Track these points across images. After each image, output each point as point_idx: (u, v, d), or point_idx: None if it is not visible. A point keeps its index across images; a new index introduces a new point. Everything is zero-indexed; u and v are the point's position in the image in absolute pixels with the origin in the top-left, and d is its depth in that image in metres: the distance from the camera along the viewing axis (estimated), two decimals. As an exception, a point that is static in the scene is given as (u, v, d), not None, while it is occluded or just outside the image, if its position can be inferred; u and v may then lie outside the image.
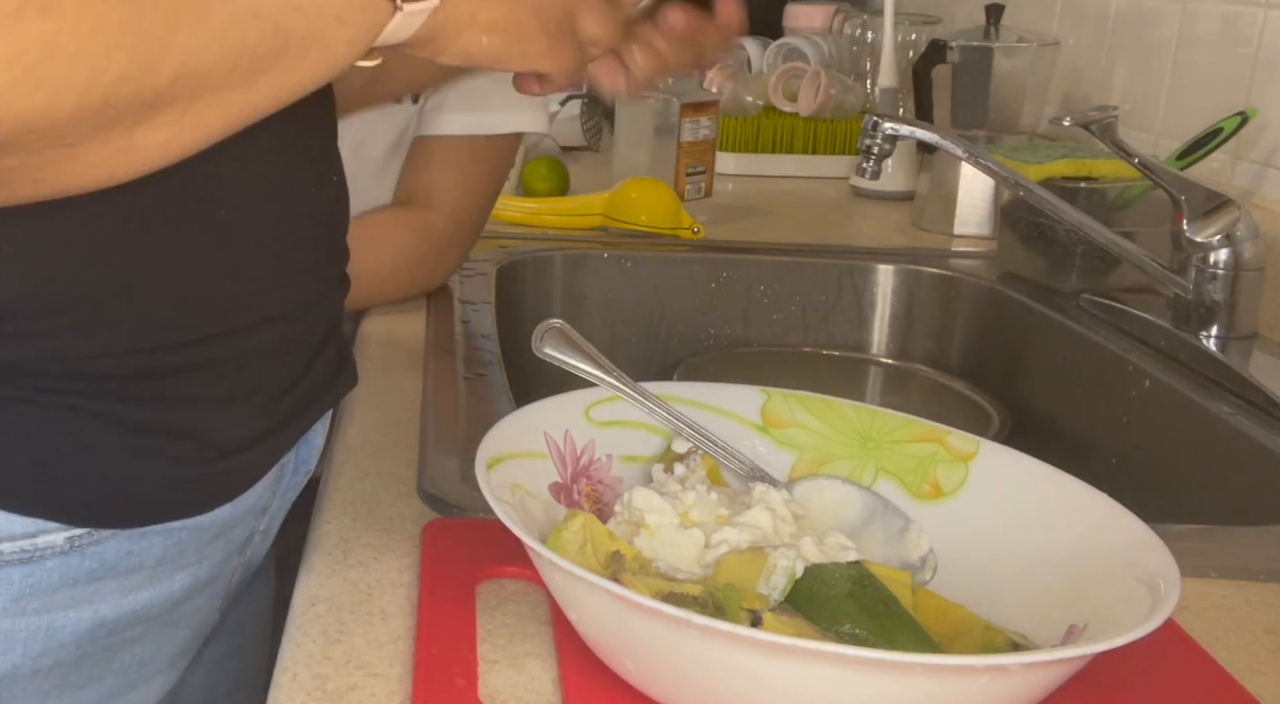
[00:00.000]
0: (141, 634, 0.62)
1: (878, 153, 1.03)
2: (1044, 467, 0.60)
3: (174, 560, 0.61)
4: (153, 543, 0.59)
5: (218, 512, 0.62)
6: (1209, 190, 0.97)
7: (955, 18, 1.68)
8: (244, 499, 0.63)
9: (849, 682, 0.44)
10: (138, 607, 0.60)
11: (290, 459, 0.68)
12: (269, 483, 0.66)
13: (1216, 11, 1.18)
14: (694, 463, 0.63)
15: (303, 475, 0.71)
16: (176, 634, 0.65)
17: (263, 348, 0.61)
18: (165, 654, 0.65)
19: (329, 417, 0.73)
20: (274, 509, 0.69)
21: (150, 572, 0.60)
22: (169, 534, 0.60)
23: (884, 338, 1.26)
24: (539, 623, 0.56)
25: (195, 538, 0.61)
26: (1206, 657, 0.56)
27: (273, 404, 0.62)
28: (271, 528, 0.70)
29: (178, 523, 0.60)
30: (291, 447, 0.67)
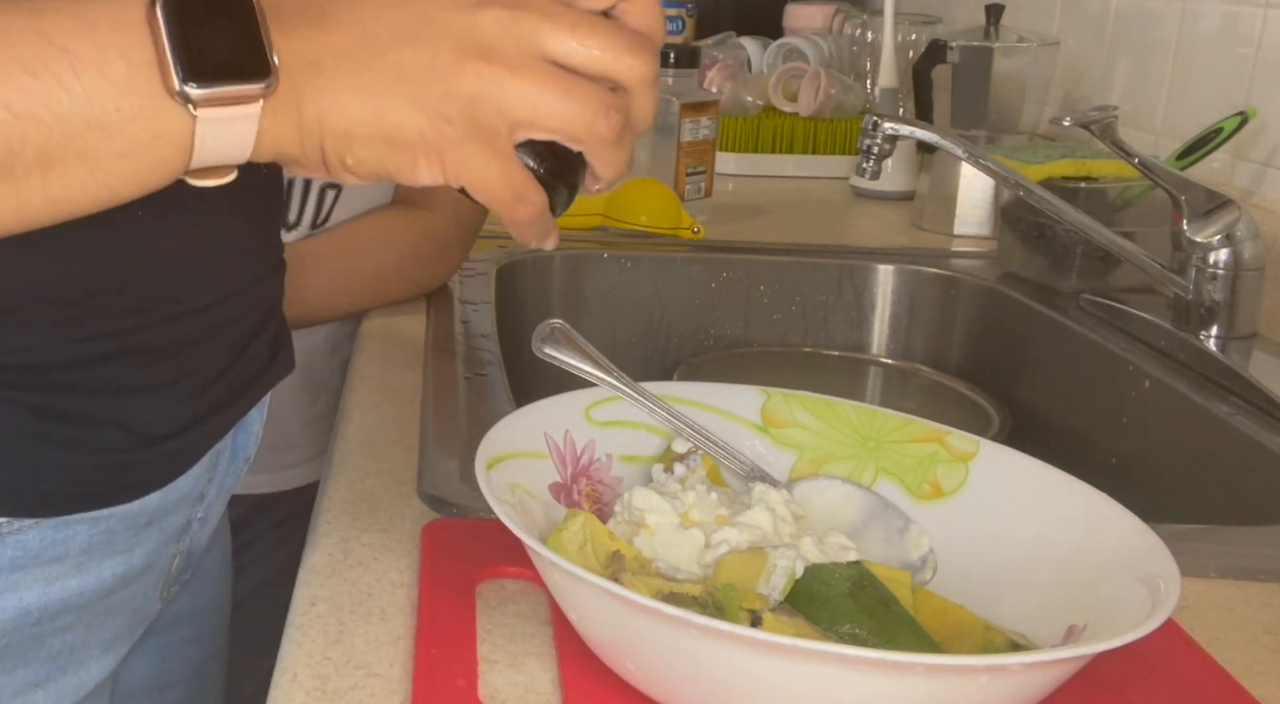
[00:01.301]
0: (71, 622, 0.61)
1: (878, 153, 1.03)
2: (1044, 467, 0.60)
3: (102, 548, 0.60)
4: (78, 531, 0.59)
5: (148, 499, 0.61)
6: (1209, 190, 0.97)
7: (955, 18, 1.68)
8: (177, 486, 0.63)
9: (849, 682, 0.44)
10: (66, 595, 0.60)
11: (226, 446, 0.68)
12: (203, 470, 0.66)
13: (1216, 11, 1.18)
14: (694, 463, 0.63)
15: (241, 462, 0.71)
16: (110, 621, 0.64)
17: (188, 336, 0.60)
18: (98, 640, 0.64)
19: (265, 402, 0.72)
20: (211, 497, 0.68)
21: (77, 560, 0.59)
22: (96, 522, 0.59)
23: (884, 338, 1.26)
24: (539, 623, 0.56)
25: (125, 526, 0.61)
26: (1206, 657, 0.56)
27: (201, 391, 0.61)
28: (211, 516, 0.70)
29: (105, 511, 0.59)
30: (225, 433, 0.67)
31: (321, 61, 0.47)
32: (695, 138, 1.38)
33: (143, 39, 0.45)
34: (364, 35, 0.47)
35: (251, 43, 0.45)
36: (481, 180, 0.49)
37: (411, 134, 0.47)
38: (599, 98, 0.49)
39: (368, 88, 0.47)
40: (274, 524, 1.22)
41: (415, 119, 0.47)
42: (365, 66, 0.47)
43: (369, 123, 0.47)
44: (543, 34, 0.48)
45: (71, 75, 0.44)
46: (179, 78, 0.44)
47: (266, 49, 0.45)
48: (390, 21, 0.47)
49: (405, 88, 0.47)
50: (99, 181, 0.45)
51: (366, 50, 0.47)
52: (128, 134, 0.45)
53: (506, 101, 0.48)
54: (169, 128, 0.45)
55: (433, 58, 0.47)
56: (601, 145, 0.50)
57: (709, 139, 1.39)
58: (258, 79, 0.45)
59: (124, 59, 0.44)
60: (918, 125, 1.05)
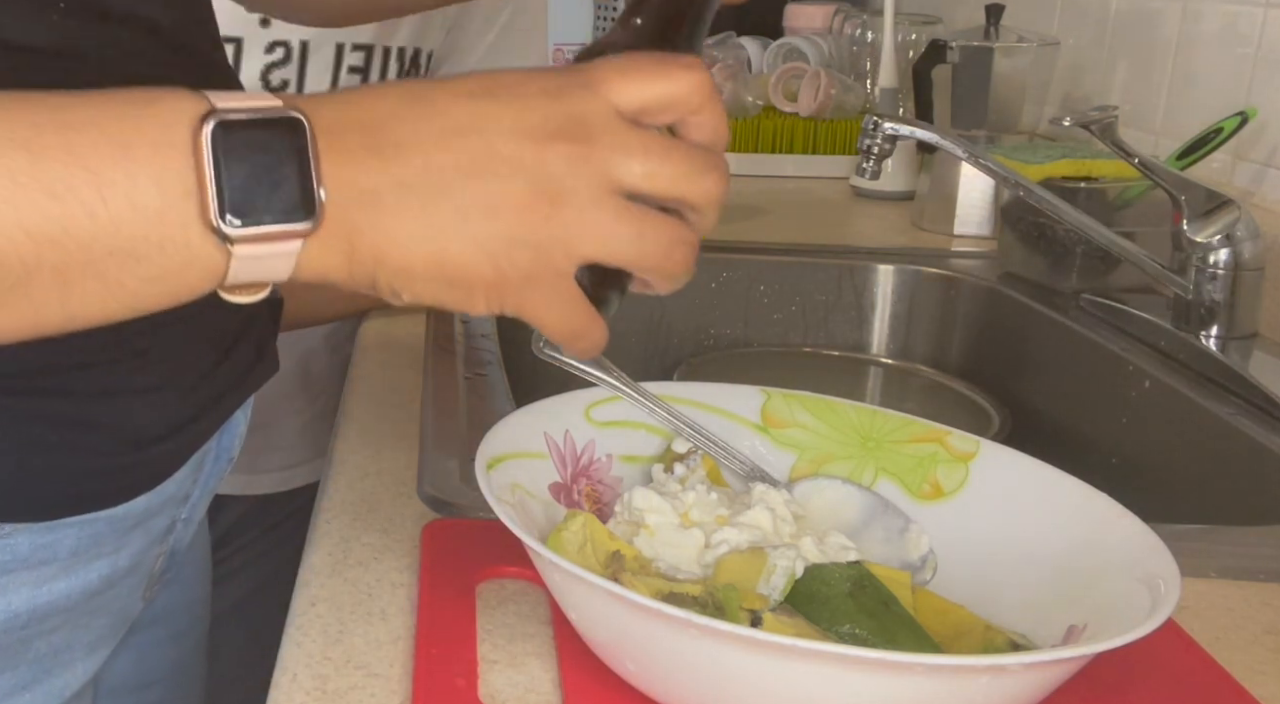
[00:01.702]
0: (58, 624, 0.61)
1: (878, 153, 1.03)
2: (1044, 467, 0.60)
3: (89, 551, 0.60)
4: (66, 534, 0.58)
5: (135, 502, 0.61)
6: (1209, 190, 0.97)
7: (955, 18, 1.68)
8: (163, 489, 0.63)
9: (849, 682, 0.44)
10: (53, 597, 0.59)
11: (211, 447, 0.68)
12: (189, 472, 0.65)
13: (1216, 11, 1.18)
14: (694, 463, 0.63)
15: (225, 463, 0.71)
16: (95, 622, 0.64)
17: (175, 338, 0.59)
18: (84, 642, 0.64)
19: (250, 404, 0.72)
20: (195, 497, 0.68)
21: (65, 563, 0.59)
22: (84, 526, 0.59)
23: (884, 338, 1.26)
24: (539, 623, 0.56)
25: (112, 528, 0.61)
26: (1206, 657, 0.56)
27: (188, 394, 0.61)
28: (194, 516, 0.70)
29: (92, 514, 0.59)
30: (211, 436, 0.66)
31: (381, 194, 0.45)
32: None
33: (183, 167, 0.42)
34: (427, 167, 0.45)
35: (302, 178, 0.43)
36: (541, 320, 0.48)
37: (473, 276, 0.46)
38: (670, 233, 0.48)
39: (431, 227, 0.45)
40: (274, 524, 1.22)
41: (480, 261, 0.46)
42: (429, 203, 0.45)
43: (431, 263, 0.46)
44: (614, 166, 0.47)
45: (98, 200, 0.41)
46: (217, 213, 0.42)
47: (315, 186, 0.43)
48: (455, 152, 0.45)
49: (470, 228, 0.45)
50: (121, 302, 0.44)
51: (430, 185, 0.45)
52: (155, 262, 0.43)
53: (576, 244, 0.47)
54: (200, 259, 0.43)
55: (500, 197, 0.45)
56: (669, 278, 0.50)
57: (709, 139, 1.38)
58: (303, 219, 0.43)
59: (157, 187, 0.42)
60: (918, 125, 1.05)
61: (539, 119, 0.46)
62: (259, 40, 1.01)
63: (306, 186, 0.43)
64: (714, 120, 0.50)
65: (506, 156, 0.46)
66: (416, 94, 0.46)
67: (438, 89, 0.47)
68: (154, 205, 0.42)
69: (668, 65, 0.49)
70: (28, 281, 0.41)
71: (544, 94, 0.47)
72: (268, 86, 1.02)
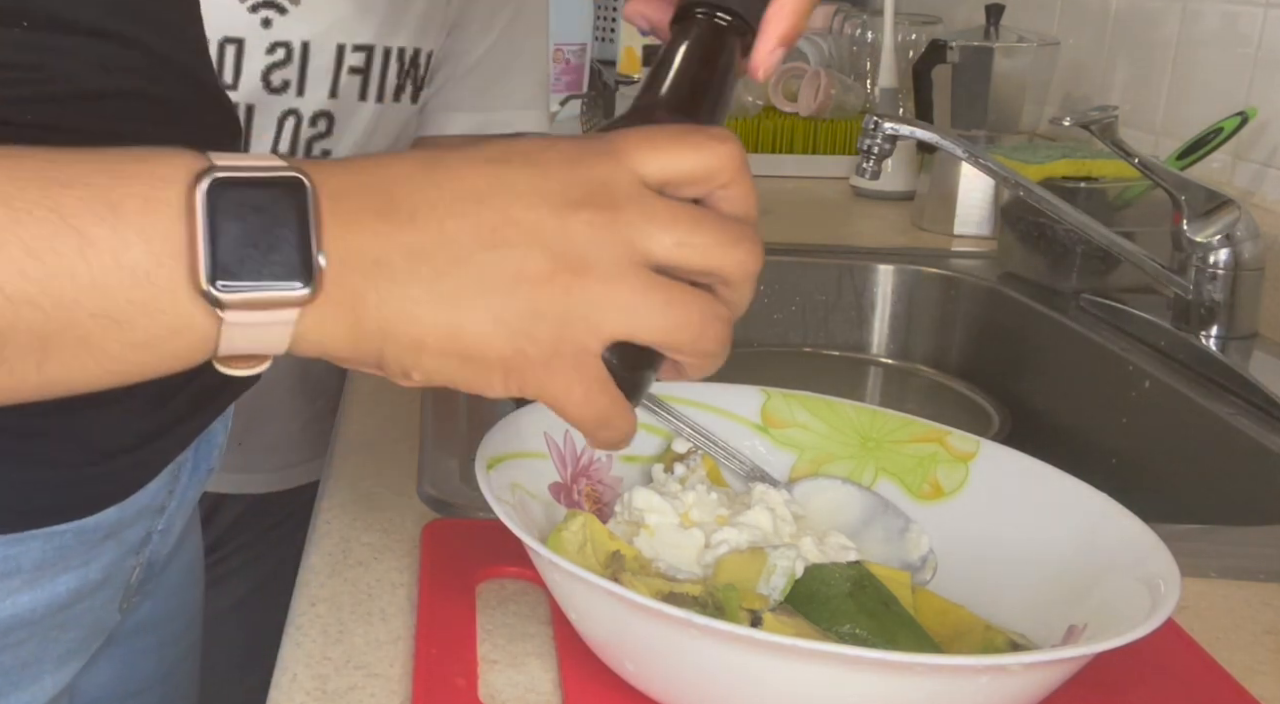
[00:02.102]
0: (24, 637, 0.59)
1: (878, 153, 1.03)
2: (1044, 467, 0.60)
3: (56, 563, 0.58)
4: (31, 546, 0.56)
5: (105, 513, 0.59)
6: (1209, 190, 0.97)
7: (955, 18, 1.68)
8: (135, 500, 0.61)
9: (849, 682, 0.44)
10: (17, 610, 0.57)
11: (188, 458, 0.66)
12: (164, 482, 0.64)
13: (1216, 11, 1.18)
14: (694, 463, 0.63)
15: (204, 473, 0.69)
16: (65, 635, 0.62)
17: None
18: (53, 655, 0.62)
19: (230, 413, 0.70)
20: (172, 509, 0.67)
21: (30, 575, 0.57)
22: (50, 538, 0.57)
23: (884, 338, 1.26)
24: (539, 623, 0.56)
25: (80, 540, 0.59)
26: (1206, 657, 0.56)
27: (159, 404, 0.59)
28: (172, 526, 0.68)
29: (59, 526, 0.57)
30: (187, 446, 0.64)
31: (390, 262, 0.42)
32: (695, 138, 1.37)
33: (173, 225, 0.39)
34: (441, 235, 0.42)
35: (301, 242, 0.40)
36: (563, 404, 0.45)
37: (490, 353, 0.43)
38: (702, 308, 0.45)
39: (445, 298, 0.42)
40: (274, 524, 1.22)
41: (497, 337, 0.43)
42: (443, 273, 0.42)
43: (444, 338, 0.42)
44: (641, 235, 0.43)
45: (80, 259, 0.39)
46: (208, 275, 0.39)
47: (314, 250, 0.40)
48: (472, 219, 0.42)
49: (488, 300, 0.42)
50: (105, 369, 0.41)
51: (444, 253, 0.42)
52: (141, 327, 0.40)
53: (600, 319, 0.43)
54: (189, 325, 0.40)
55: (520, 268, 0.42)
56: (703, 357, 0.46)
57: (709, 139, 1.39)
58: (300, 285, 0.40)
59: (145, 245, 0.39)
60: (918, 125, 1.05)
61: (560, 185, 0.43)
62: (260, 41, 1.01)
63: (305, 250, 0.40)
64: (744, 194, 0.47)
65: (526, 224, 0.43)
66: (430, 159, 0.44)
67: (452, 155, 0.44)
68: (141, 265, 0.39)
69: (697, 136, 0.46)
70: (2, 345, 0.39)
71: (565, 160, 0.44)
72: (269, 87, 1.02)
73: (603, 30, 2.13)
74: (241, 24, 1.00)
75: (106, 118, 0.53)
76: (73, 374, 0.41)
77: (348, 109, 1.06)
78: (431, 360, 0.43)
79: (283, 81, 1.02)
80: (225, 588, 1.20)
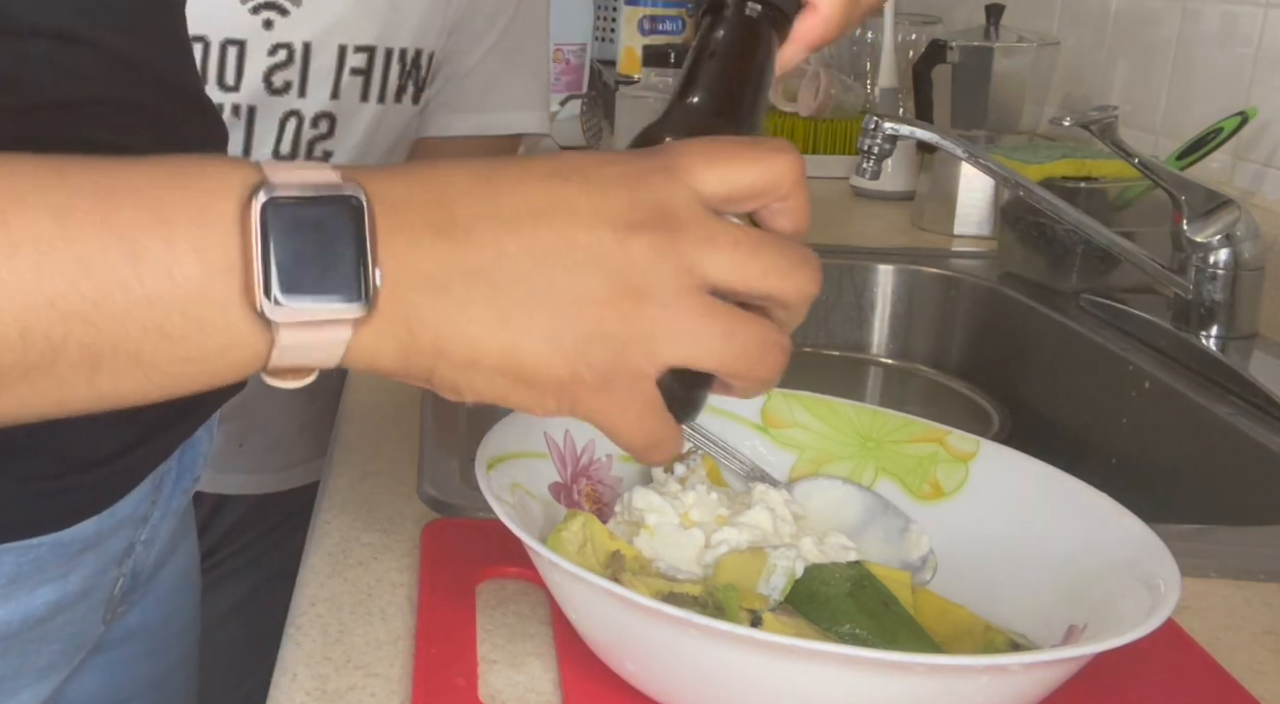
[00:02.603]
0: (1, 651, 0.57)
1: (878, 153, 1.03)
2: (1044, 467, 0.60)
3: (32, 577, 0.57)
4: (5, 560, 0.55)
5: (82, 526, 0.57)
6: (1209, 190, 0.97)
7: (955, 18, 1.68)
8: (115, 511, 0.60)
9: (849, 682, 0.44)
10: None
11: (171, 467, 0.64)
12: (145, 493, 0.62)
13: (1216, 11, 1.18)
14: (694, 463, 0.63)
15: (189, 482, 0.68)
16: (45, 648, 0.61)
17: None
18: (33, 668, 0.60)
19: (215, 421, 0.68)
20: (156, 518, 0.65)
21: (4, 589, 0.56)
22: (25, 551, 0.55)
23: (884, 338, 1.26)
24: (539, 623, 0.56)
25: (56, 553, 0.57)
26: (1206, 657, 0.56)
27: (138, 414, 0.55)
28: (157, 536, 0.66)
29: (35, 539, 0.56)
30: (168, 456, 0.63)
31: (447, 281, 0.41)
32: (695, 138, 1.37)
33: (228, 240, 0.39)
34: (500, 254, 0.41)
35: (358, 260, 0.40)
36: (615, 428, 0.44)
37: (545, 375, 0.42)
38: (762, 336, 0.45)
39: (501, 319, 0.41)
40: (274, 524, 1.22)
41: (553, 360, 0.42)
42: (500, 293, 0.41)
43: (500, 358, 0.42)
44: (702, 259, 0.43)
45: (132, 274, 0.38)
46: (262, 291, 0.39)
47: (371, 268, 0.40)
48: (530, 239, 0.42)
49: (546, 322, 0.42)
50: (155, 383, 0.40)
51: (502, 273, 0.41)
52: (193, 342, 0.39)
53: (659, 346, 0.43)
54: (242, 341, 0.40)
55: (579, 291, 0.42)
56: (758, 384, 0.46)
57: (709, 139, 1.38)
58: (356, 304, 0.40)
59: (199, 259, 0.39)
60: (918, 125, 1.05)
61: (621, 206, 0.42)
62: (262, 43, 1.01)
63: (362, 269, 0.40)
64: (801, 207, 0.47)
65: (586, 246, 0.42)
66: (487, 172, 0.43)
67: (508, 169, 0.43)
68: (194, 279, 0.39)
69: (756, 150, 0.45)
70: (54, 360, 0.38)
71: (623, 179, 0.43)
72: (270, 88, 1.02)
73: (603, 30, 2.13)
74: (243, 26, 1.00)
75: (82, 126, 0.51)
76: (122, 388, 0.40)
77: (349, 110, 1.06)
78: (484, 380, 0.43)
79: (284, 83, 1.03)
80: (225, 589, 1.20)
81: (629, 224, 0.42)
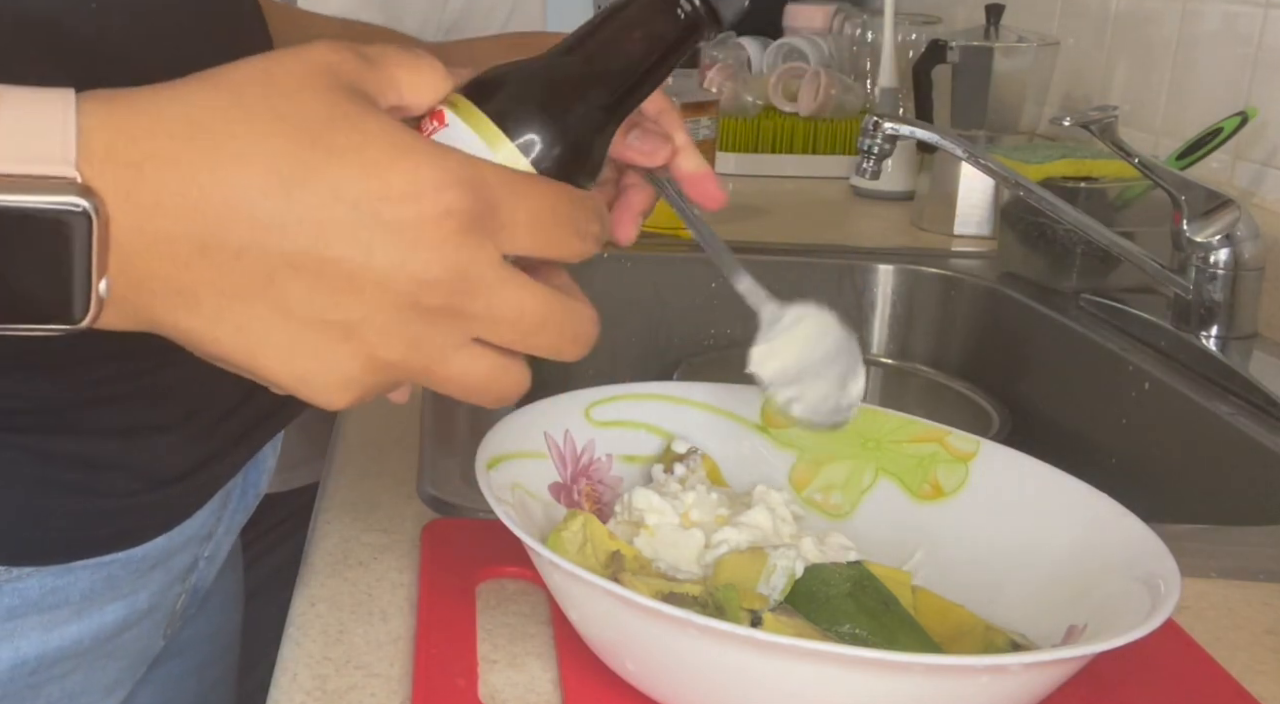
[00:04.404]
0: (70, 669, 0.58)
1: (878, 153, 1.03)
2: (1044, 467, 0.60)
3: (104, 593, 0.57)
4: (79, 577, 0.56)
5: (154, 542, 0.58)
6: (1209, 190, 0.97)
7: (955, 18, 1.68)
8: (184, 528, 0.60)
9: (849, 682, 0.44)
10: (64, 642, 0.57)
11: (237, 483, 0.65)
12: (213, 509, 0.63)
13: (1216, 11, 1.18)
14: (694, 463, 0.63)
15: (252, 498, 0.68)
16: (112, 664, 0.61)
17: (201, 374, 0.51)
18: (100, 685, 0.61)
19: (280, 438, 0.69)
20: (220, 534, 0.66)
21: (78, 606, 0.56)
22: (98, 567, 0.56)
23: (884, 338, 1.26)
24: (539, 623, 0.56)
25: (128, 570, 0.58)
26: (1206, 657, 0.56)
27: (211, 431, 0.58)
28: (219, 552, 0.67)
29: (108, 556, 0.56)
30: (236, 473, 0.63)
31: (197, 296, 0.39)
32: (695, 138, 1.37)
33: None
34: (269, 287, 0.39)
35: (81, 275, 0.37)
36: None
37: (302, 391, 0.41)
38: (510, 383, 0.44)
39: (252, 345, 0.40)
40: (274, 524, 1.22)
41: (301, 386, 0.41)
42: (254, 321, 0.39)
43: (245, 370, 0.41)
44: (481, 331, 0.42)
45: None
46: None
47: (93, 284, 0.37)
48: (308, 283, 0.39)
49: (299, 361, 0.40)
50: None
51: (265, 305, 0.39)
52: None
53: (427, 380, 0.42)
54: None
55: (344, 346, 0.40)
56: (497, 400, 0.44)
57: (709, 139, 1.39)
58: (75, 316, 0.38)
59: None
60: (918, 125, 1.05)
61: (418, 275, 0.39)
62: (259, 41, 1.01)
63: (84, 285, 0.37)
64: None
65: (365, 312, 0.39)
66: (296, 173, 0.38)
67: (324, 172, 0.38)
68: None
69: (583, 222, 0.44)
70: None
71: (436, 232, 0.39)
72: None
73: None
74: None
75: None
76: None
77: (348, 109, 1.06)
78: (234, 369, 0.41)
79: None
80: (225, 588, 1.20)
81: (419, 303, 0.40)
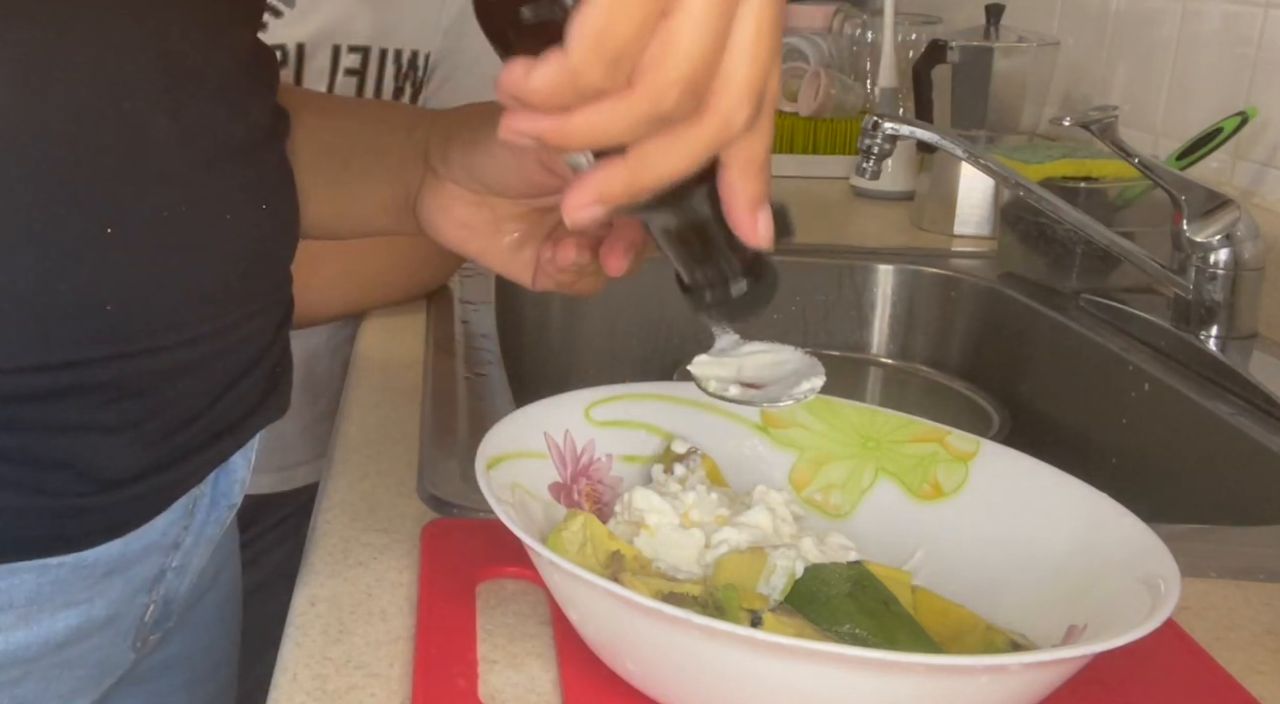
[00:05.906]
0: (20, 676, 0.56)
1: (878, 153, 1.03)
2: (1044, 467, 0.60)
3: (53, 598, 0.55)
4: (24, 580, 0.54)
5: (106, 547, 0.56)
6: (1209, 190, 0.97)
7: (955, 18, 1.68)
8: (142, 535, 0.58)
9: (849, 682, 0.44)
10: (10, 647, 0.55)
11: (205, 492, 0.63)
12: (176, 517, 0.61)
13: (1216, 11, 1.18)
14: (694, 463, 0.63)
15: (224, 509, 0.66)
16: (70, 674, 0.59)
17: (162, 373, 0.53)
18: (56, 694, 0.59)
19: (254, 445, 0.67)
20: (188, 545, 0.63)
21: (23, 610, 0.54)
22: (44, 571, 0.54)
23: (884, 338, 1.26)
24: (539, 623, 0.56)
25: (78, 575, 0.56)
26: (1206, 657, 0.56)
27: (171, 434, 0.56)
28: (189, 563, 0.64)
29: (54, 559, 0.55)
30: (201, 480, 0.61)
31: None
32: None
33: None
34: None
35: None
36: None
37: None
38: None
39: None
40: (274, 524, 1.22)
41: None
42: None
43: None
44: None
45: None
46: None
47: None
48: None
49: None
50: None
51: None
52: None
53: None
54: None
55: None
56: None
57: (709, 139, 1.38)
58: None
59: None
60: (918, 125, 1.05)
61: None
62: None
63: None
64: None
65: None
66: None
67: None
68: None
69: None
70: None
71: None
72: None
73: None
74: None
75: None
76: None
77: (347, 110, 1.06)
78: None
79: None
80: (225, 588, 1.20)
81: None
